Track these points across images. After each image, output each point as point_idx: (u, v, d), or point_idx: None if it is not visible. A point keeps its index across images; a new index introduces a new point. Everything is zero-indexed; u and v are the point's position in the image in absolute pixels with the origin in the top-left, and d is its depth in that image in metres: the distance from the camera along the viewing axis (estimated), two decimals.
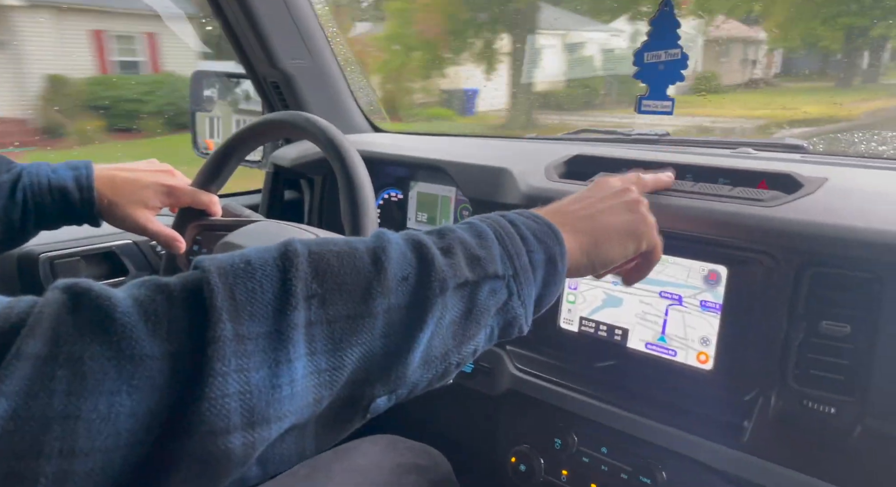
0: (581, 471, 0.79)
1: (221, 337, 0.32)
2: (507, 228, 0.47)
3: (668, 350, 0.73)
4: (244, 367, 0.32)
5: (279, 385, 0.34)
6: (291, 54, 1.18)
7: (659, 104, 0.72)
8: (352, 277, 0.38)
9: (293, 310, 0.35)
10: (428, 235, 0.44)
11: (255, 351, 0.33)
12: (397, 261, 0.40)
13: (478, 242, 0.44)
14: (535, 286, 0.46)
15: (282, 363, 0.34)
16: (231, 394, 0.32)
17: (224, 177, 0.86)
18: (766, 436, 0.64)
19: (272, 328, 0.34)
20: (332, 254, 0.38)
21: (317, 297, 0.36)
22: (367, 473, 0.79)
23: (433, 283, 0.40)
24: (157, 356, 0.31)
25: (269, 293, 0.35)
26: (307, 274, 0.36)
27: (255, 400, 0.33)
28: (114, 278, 1.07)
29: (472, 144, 1.10)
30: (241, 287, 0.34)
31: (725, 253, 0.68)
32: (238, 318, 0.33)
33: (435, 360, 0.41)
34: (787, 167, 0.72)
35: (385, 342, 0.38)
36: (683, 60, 0.71)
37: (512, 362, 0.85)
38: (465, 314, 0.42)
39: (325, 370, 0.36)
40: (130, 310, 0.31)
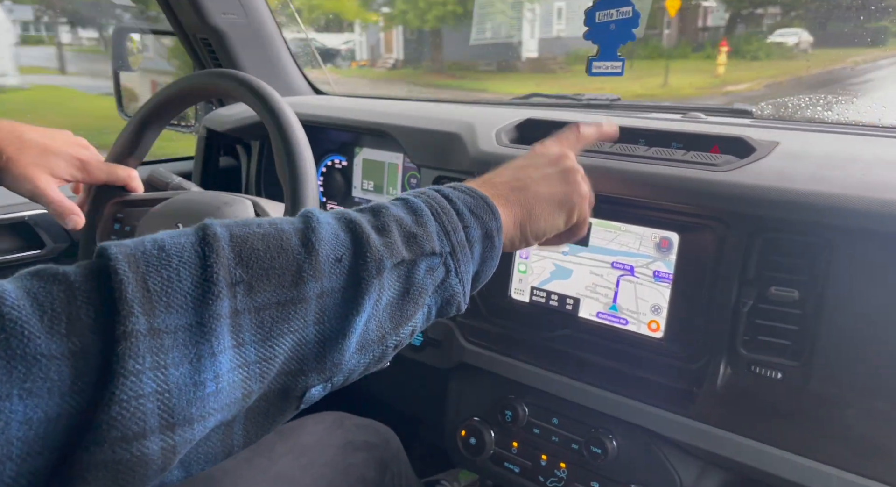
0: (532, 443, 0.78)
1: (133, 332, 0.28)
2: (442, 203, 0.44)
3: (620, 319, 0.72)
4: (161, 364, 0.29)
5: (202, 382, 0.30)
6: (222, 8, 1.09)
7: (609, 65, 0.69)
8: (280, 260, 0.35)
9: (216, 299, 0.31)
10: (360, 213, 0.41)
11: (173, 346, 0.29)
12: (329, 242, 0.37)
13: (413, 219, 0.42)
14: (473, 263, 0.45)
15: (204, 357, 0.30)
16: (146, 394, 0.28)
17: (144, 147, 0.78)
18: (715, 403, 0.63)
19: (192, 319, 0.30)
20: (257, 237, 0.35)
21: (242, 283, 0.33)
22: (313, 452, 0.76)
23: (369, 263, 0.38)
24: (55, 356, 0.27)
25: (187, 282, 0.31)
26: (230, 259, 0.33)
27: (174, 400, 0.29)
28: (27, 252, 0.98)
29: (419, 109, 1.05)
30: (155, 276, 0.30)
31: (678, 220, 0.67)
32: (152, 310, 0.29)
33: (372, 344, 0.39)
34: (739, 131, 0.71)
35: (319, 328, 0.35)
36: (635, 18, 0.68)
37: (462, 334, 0.82)
38: (402, 294, 0.40)
39: (254, 361, 0.33)
40: (21, 303, 0.27)
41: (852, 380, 0.56)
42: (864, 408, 0.56)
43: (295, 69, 1.24)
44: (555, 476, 0.77)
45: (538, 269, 0.77)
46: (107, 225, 0.77)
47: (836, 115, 0.85)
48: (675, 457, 0.69)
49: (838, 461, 0.57)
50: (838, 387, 0.57)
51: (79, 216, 0.71)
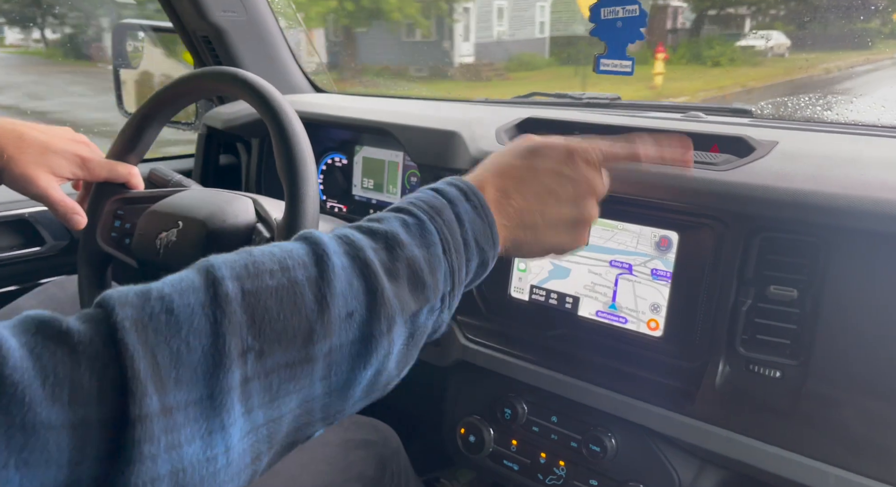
0: (531, 441, 0.78)
1: (149, 415, 0.27)
2: (454, 233, 0.43)
3: (619, 318, 0.72)
4: (175, 443, 0.28)
5: (214, 457, 0.29)
6: (222, 5, 1.09)
7: (618, 63, 0.68)
8: (292, 321, 0.33)
9: (227, 372, 0.30)
10: (372, 245, 0.39)
11: (185, 423, 0.28)
12: (342, 295, 0.35)
13: (426, 260, 0.40)
14: (461, 289, 0.44)
15: (215, 432, 0.29)
16: (161, 477, 0.28)
17: (145, 144, 0.78)
18: (714, 402, 0.64)
19: (203, 392, 0.29)
20: (270, 293, 0.33)
21: (254, 351, 0.31)
22: (313, 450, 0.76)
23: (381, 320, 0.36)
24: (54, 426, 0.26)
25: (197, 353, 0.29)
26: (242, 325, 0.31)
27: (188, 478, 0.29)
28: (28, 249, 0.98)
29: (420, 107, 1.05)
30: (164, 349, 0.29)
31: (677, 219, 0.67)
32: (163, 387, 0.28)
33: (377, 391, 0.39)
34: (739, 131, 0.71)
35: (326, 383, 0.34)
36: (642, 17, 0.68)
37: (461, 332, 0.82)
38: (407, 341, 0.39)
39: (262, 425, 0.32)
40: (23, 365, 0.26)
41: (850, 379, 0.57)
42: (861, 407, 0.56)
43: (295, 67, 1.24)
44: (554, 474, 0.77)
45: (537, 268, 0.78)
46: (107, 222, 0.77)
47: (836, 114, 0.85)
48: (673, 455, 0.69)
49: (836, 459, 0.57)
50: (836, 386, 0.57)
51: (81, 216, 0.71)
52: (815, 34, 3.47)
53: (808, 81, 3.73)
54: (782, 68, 5.85)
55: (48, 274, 1.04)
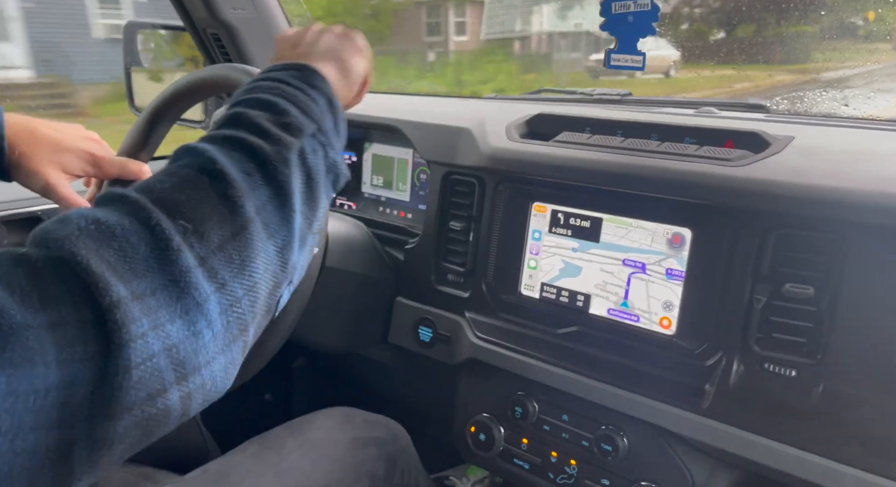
0: (542, 439, 0.78)
1: (121, 300, 0.29)
2: (281, 88, 0.46)
3: (631, 316, 0.71)
4: (157, 323, 0.30)
5: (199, 332, 0.32)
6: (232, 3, 1.09)
7: (630, 58, 0.67)
8: (206, 200, 0.36)
9: (178, 254, 0.32)
10: (222, 129, 0.42)
11: (158, 306, 0.30)
12: (230, 163, 0.38)
13: (273, 112, 0.44)
14: (334, 132, 0.48)
15: (192, 310, 0.32)
16: (157, 353, 0.30)
17: (156, 141, 0.78)
18: (727, 401, 0.63)
19: (164, 280, 0.31)
20: (170, 190, 0.35)
21: (190, 232, 0.33)
22: (323, 448, 0.76)
23: (278, 166, 0.40)
24: (31, 326, 0.27)
25: (140, 247, 0.31)
26: (166, 217, 0.33)
27: (182, 353, 0.31)
28: None
29: (428, 104, 1.05)
30: (107, 249, 0.31)
31: (691, 215, 0.66)
32: (122, 278, 0.30)
33: (307, 235, 0.42)
34: (754, 126, 0.70)
35: (273, 241, 0.38)
36: (654, 12, 0.66)
37: (472, 329, 0.82)
38: (306, 182, 0.42)
39: (242, 296, 0.35)
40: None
41: (869, 378, 0.56)
42: (879, 406, 0.55)
43: None
44: (565, 472, 0.76)
45: (547, 266, 0.77)
46: None
47: (853, 109, 0.84)
48: (686, 455, 0.68)
49: (853, 459, 0.56)
50: (854, 385, 0.56)
51: None
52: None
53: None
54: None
55: None
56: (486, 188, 0.81)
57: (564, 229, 0.75)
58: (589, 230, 0.73)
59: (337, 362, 1.16)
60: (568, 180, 0.73)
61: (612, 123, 0.78)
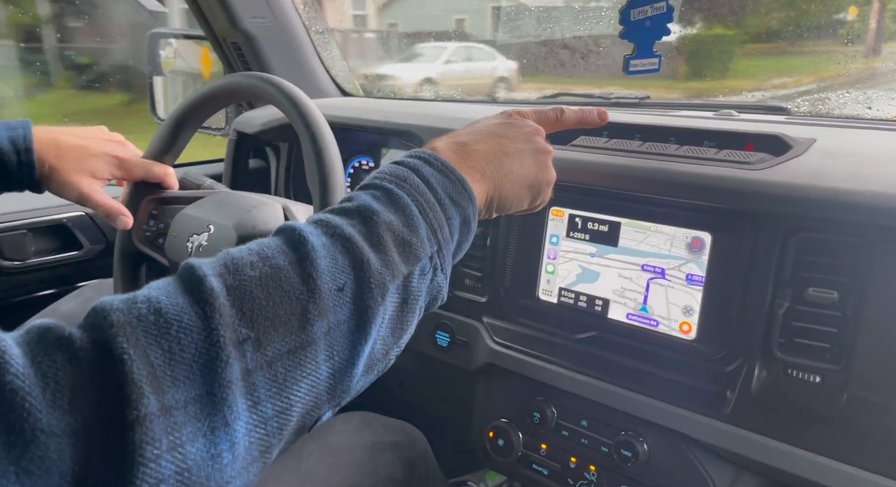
0: (560, 445, 0.77)
1: (146, 416, 0.27)
2: (426, 196, 0.43)
3: (650, 321, 0.71)
4: (177, 443, 0.28)
5: (219, 454, 0.29)
6: (252, 12, 1.10)
7: (646, 62, 0.67)
8: (284, 306, 0.33)
9: (224, 366, 0.29)
10: (349, 222, 0.39)
11: (185, 421, 0.28)
12: (328, 271, 0.35)
13: (404, 222, 0.40)
14: (453, 253, 0.45)
15: (218, 428, 0.29)
16: (166, 478, 0.27)
17: (179, 146, 0.80)
18: (749, 407, 0.62)
19: (202, 389, 0.29)
20: (254, 282, 0.33)
21: (249, 341, 0.31)
22: (342, 452, 0.77)
23: (374, 290, 0.36)
24: (55, 433, 0.25)
25: (190, 350, 0.29)
26: (232, 317, 0.31)
27: (193, 477, 0.28)
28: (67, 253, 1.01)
29: (445, 109, 1.05)
30: (156, 349, 0.28)
31: (710, 219, 0.65)
32: (160, 387, 0.28)
33: (377, 362, 0.38)
34: (775, 129, 0.69)
35: (330, 364, 0.34)
36: (669, 13, 0.67)
37: (489, 335, 0.82)
38: (400, 306, 0.39)
39: (271, 417, 0.32)
40: (24, 372, 0.26)
41: (895, 385, 0.54)
42: None
43: (322, 71, 1.26)
44: (584, 478, 0.76)
45: (565, 270, 0.77)
46: (142, 221, 0.79)
47: (876, 111, 0.82)
48: (708, 461, 0.67)
49: (879, 467, 0.55)
50: (880, 392, 0.55)
51: (127, 216, 0.73)
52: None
53: None
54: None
55: (85, 277, 1.07)
56: None
57: (582, 233, 0.75)
58: (607, 235, 0.73)
59: None
60: (585, 185, 0.73)
61: (629, 126, 0.77)
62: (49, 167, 0.68)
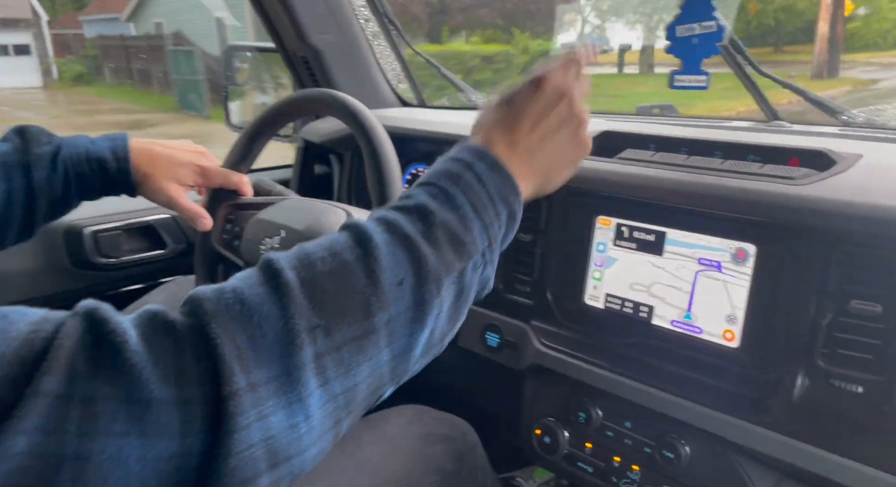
0: (605, 445, 0.80)
1: (238, 391, 0.32)
2: (479, 194, 0.46)
3: (694, 328, 0.73)
4: (262, 414, 0.33)
5: (296, 425, 0.34)
6: (319, 29, 1.18)
7: (693, 79, 0.69)
8: (349, 298, 0.37)
9: (299, 350, 0.34)
10: (408, 219, 0.43)
11: (268, 396, 0.33)
12: (389, 267, 0.39)
13: (459, 221, 0.44)
14: (501, 245, 0.48)
15: (294, 403, 0.34)
16: (255, 443, 0.32)
17: (253, 156, 0.88)
18: (791, 414, 0.64)
19: (280, 370, 0.34)
20: (324, 277, 0.37)
21: (320, 328, 0.36)
22: (396, 441, 0.82)
23: (430, 284, 0.40)
24: (165, 401, 0.31)
25: (270, 336, 0.34)
26: (305, 307, 0.36)
27: (277, 443, 0.33)
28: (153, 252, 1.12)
29: None
30: (242, 334, 0.34)
31: (755, 231, 0.67)
32: (246, 367, 0.33)
33: (434, 347, 0.43)
34: (822, 142, 0.70)
35: (390, 350, 0.39)
36: (720, 33, 0.68)
37: (537, 337, 0.86)
38: (455, 298, 0.43)
39: (339, 394, 0.37)
40: (140, 350, 0.31)
41: None
42: None
43: (384, 82, 1.32)
44: (627, 478, 0.79)
45: (611, 277, 0.80)
46: (220, 225, 0.87)
47: None
48: (749, 467, 0.69)
49: None
50: None
51: (207, 219, 0.82)
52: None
53: None
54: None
55: (168, 274, 1.18)
56: (552, 202, 0.84)
57: (629, 242, 0.78)
58: (653, 244, 0.76)
59: None
60: (632, 196, 0.76)
61: (676, 140, 0.79)
62: (143, 174, 0.77)
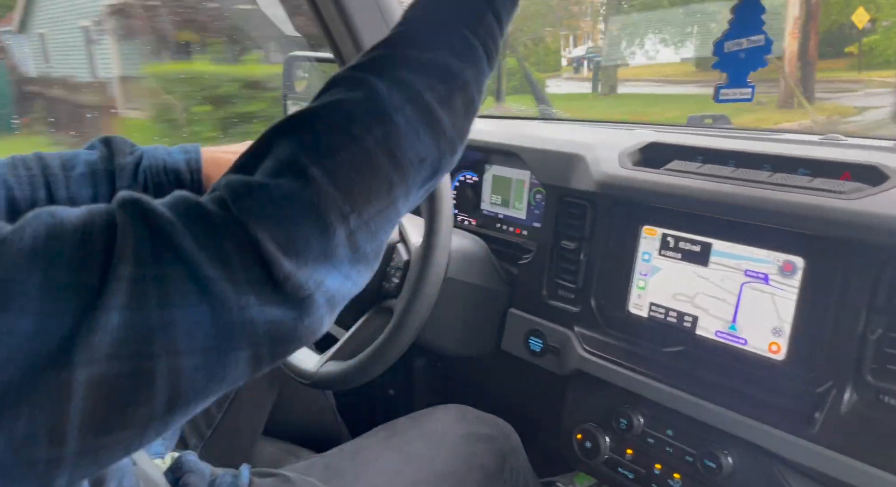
0: (646, 452, 0.81)
1: (290, 273, 0.37)
2: (496, 36, 0.47)
3: (739, 339, 0.73)
4: (319, 281, 0.38)
5: (346, 277, 0.40)
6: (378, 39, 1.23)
7: (738, 91, 0.70)
8: (375, 182, 0.40)
9: (333, 234, 0.39)
10: (429, 83, 0.43)
11: (315, 269, 0.38)
12: (411, 148, 0.42)
13: (474, 77, 0.45)
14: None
15: (335, 267, 0.39)
16: (322, 304, 0.39)
17: None
18: (838, 429, 0.63)
19: (318, 253, 0.38)
20: (348, 165, 0.39)
21: (353, 215, 0.39)
22: (441, 438, 0.86)
23: (446, 152, 0.44)
24: (217, 279, 0.35)
25: (305, 227, 0.38)
26: (336, 199, 0.38)
27: (337, 298, 0.40)
28: None
29: (546, 129, 1.12)
30: (277, 228, 0.37)
31: (803, 244, 0.67)
32: (287, 254, 0.37)
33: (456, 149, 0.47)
34: (877, 157, 0.70)
35: (406, 207, 0.44)
36: (768, 46, 0.69)
37: (580, 343, 0.87)
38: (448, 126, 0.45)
39: (370, 252, 0.41)
40: (186, 234, 0.35)
41: None
42: None
43: None
44: (668, 485, 0.79)
45: (656, 286, 0.81)
46: None
47: None
48: (792, 479, 0.69)
49: None
50: None
51: None
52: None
53: None
54: None
55: None
56: (598, 211, 0.86)
57: (674, 252, 0.79)
58: (698, 254, 0.76)
59: (453, 364, 1.25)
60: (678, 207, 0.77)
61: (723, 152, 0.80)
62: (212, 181, 0.83)
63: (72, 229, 0.34)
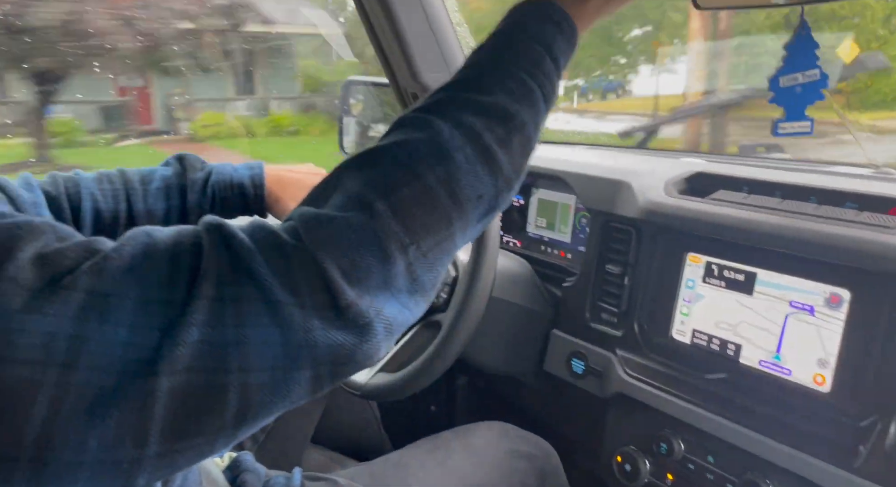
0: (686, 477, 0.82)
1: (352, 301, 0.39)
2: (552, 78, 0.49)
3: (783, 369, 0.74)
4: (378, 310, 0.40)
5: (403, 307, 0.42)
6: (431, 68, 1.29)
7: (797, 125, 0.70)
8: (434, 217, 0.42)
9: (393, 265, 0.40)
10: (488, 125, 0.45)
11: (374, 297, 0.40)
12: (470, 185, 0.43)
13: (532, 118, 0.47)
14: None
15: (394, 296, 0.41)
16: (381, 331, 0.41)
17: None
18: (882, 463, 0.63)
19: (379, 281, 0.40)
20: (410, 202, 0.41)
21: (412, 246, 0.41)
22: (483, 454, 0.88)
23: (502, 189, 0.46)
24: (287, 303, 0.37)
25: (368, 258, 0.39)
26: (398, 232, 0.40)
27: (395, 325, 0.42)
28: None
29: (592, 155, 1.14)
30: (343, 258, 0.39)
31: (849, 277, 0.68)
32: (351, 284, 0.39)
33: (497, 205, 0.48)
34: None
35: (463, 240, 0.45)
36: (823, 80, 0.69)
37: (622, 366, 0.89)
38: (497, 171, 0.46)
39: (426, 283, 0.43)
40: (262, 261, 0.38)
41: None
42: None
43: None
44: None
45: (700, 313, 0.82)
46: None
47: None
48: None
49: None
50: None
51: None
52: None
53: None
54: None
55: None
56: (642, 237, 0.88)
57: (718, 279, 0.80)
58: (743, 283, 0.77)
59: (495, 383, 1.28)
60: (723, 237, 0.78)
61: (769, 183, 0.81)
62: (274, 198, 0.88)
63: (164, 249, 0.38)
